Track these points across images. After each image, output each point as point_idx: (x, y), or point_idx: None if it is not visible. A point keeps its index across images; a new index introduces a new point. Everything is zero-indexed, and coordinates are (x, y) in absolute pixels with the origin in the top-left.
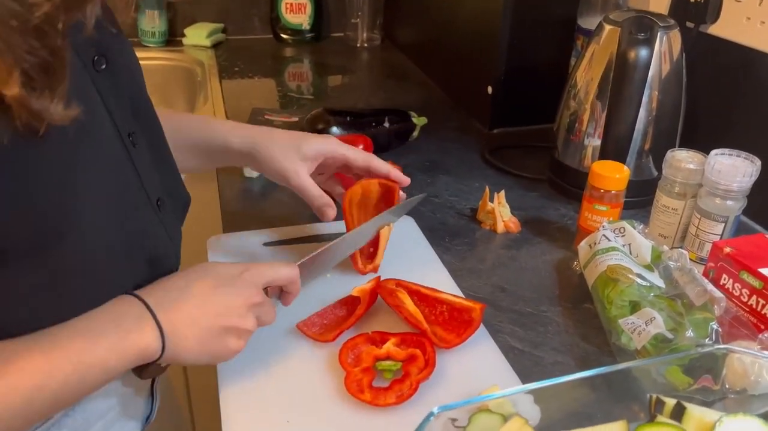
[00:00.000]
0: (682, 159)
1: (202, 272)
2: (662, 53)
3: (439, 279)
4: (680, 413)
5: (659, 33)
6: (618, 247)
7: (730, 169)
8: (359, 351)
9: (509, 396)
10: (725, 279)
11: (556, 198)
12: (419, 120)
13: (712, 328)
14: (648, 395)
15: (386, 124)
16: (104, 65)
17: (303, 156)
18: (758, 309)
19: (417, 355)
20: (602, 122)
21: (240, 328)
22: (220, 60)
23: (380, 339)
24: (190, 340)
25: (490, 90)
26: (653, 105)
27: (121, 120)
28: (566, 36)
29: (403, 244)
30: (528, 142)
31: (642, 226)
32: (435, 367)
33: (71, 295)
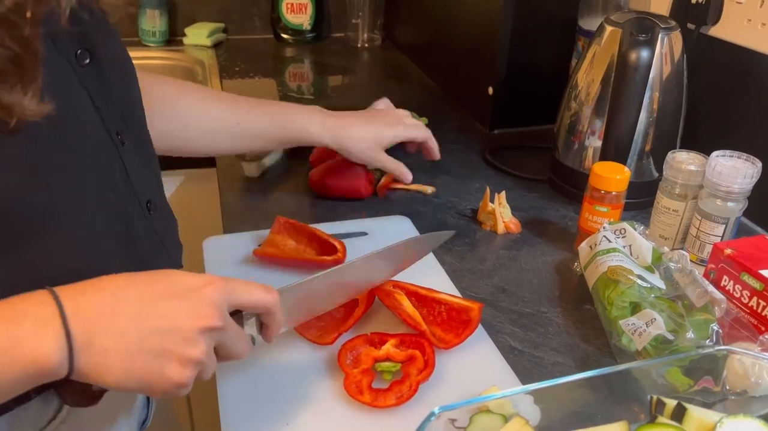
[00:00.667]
0: (683, 161)
1: (156, 276)
2: (663, 55)
3: (438, 280)
4: (681, 414)
5: (660, 34)
6: (619, 248)
7: (731, 170)
8: (358, 353)
9: (510, 397)
10: (726, 281)
11: (557, 199)
12: (420, 120)
13: (713, 329)
14: (649, 396)
15: None
16: (88, 60)
17: (380, 146)
18: (759, 311)
19: (416, 356)
20: (603, 123)
21: (183, 355)
22: (221, 60)
23: (379, 340)
24: (112, 357)
25: (491, 91)
26: (654, 106)
27: (110, 118)
28: (567, 37)
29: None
30: (529, 143)
31: (643, 227)
32: (434, 368)
33: None
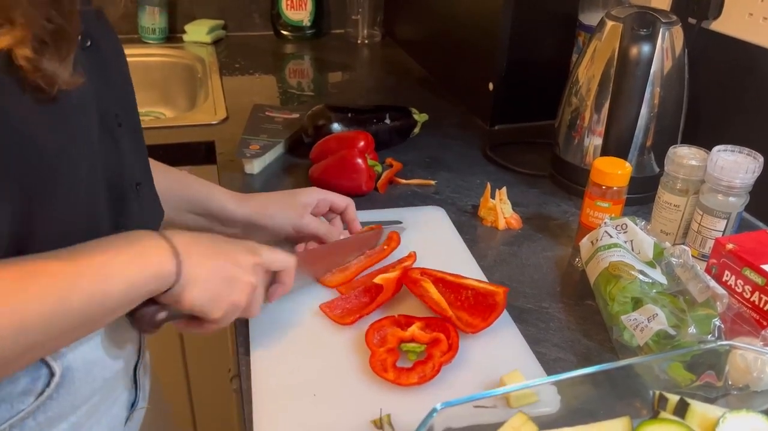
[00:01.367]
0: (684, 155)
1: (208, 234)
2: (664, 49)
3: (468, 267)
4: (683, 409)
5: (661, 29)
6: (620, 243)
7: (733, 165)
8: (385, 333)
9: (533, 387)
10: (728, 276)
11: (558, 194)
12: (420, 116)
13: (715, 325)
14: (651, 391)
15: (387, 120)
16: (89, 43)
17: (301, 204)
18: (761, 306)
19: (441, 339)
20: (604, 119)
21: (244, 281)
22: (221, 57)
23: (405, 322)
24: (202, 270)
25: (492, 86)
26: (655, 101)
27: (107, 100)
28: (567, 32)
29: (434, 232)
30: (529, 138)
31: (644, 222)
32: (458, 351)
33: None
